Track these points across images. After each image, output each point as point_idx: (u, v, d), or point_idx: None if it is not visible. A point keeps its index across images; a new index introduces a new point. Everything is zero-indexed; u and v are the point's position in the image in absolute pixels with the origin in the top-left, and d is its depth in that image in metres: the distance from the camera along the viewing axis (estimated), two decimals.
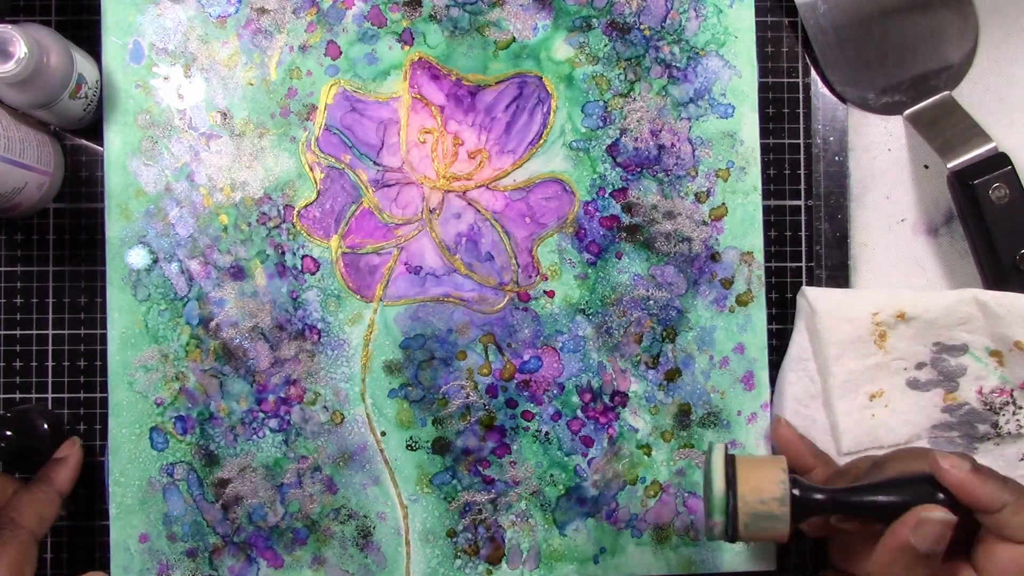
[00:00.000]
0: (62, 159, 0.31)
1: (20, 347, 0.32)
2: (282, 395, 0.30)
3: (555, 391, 0.31)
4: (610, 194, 0.31)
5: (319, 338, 0.30)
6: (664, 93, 0.31)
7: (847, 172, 0.32)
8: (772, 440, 0.30)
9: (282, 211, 0.31)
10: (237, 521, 0.30)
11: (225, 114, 0.31)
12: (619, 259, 0.31)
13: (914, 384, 0.30)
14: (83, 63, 0.29)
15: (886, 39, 0.32)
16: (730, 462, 0.24)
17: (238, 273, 0.30)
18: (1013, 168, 0.29)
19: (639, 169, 0.31)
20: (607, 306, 0.31)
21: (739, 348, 0.31)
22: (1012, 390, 0.29)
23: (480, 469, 0.30)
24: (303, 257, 0.31)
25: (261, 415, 0.30)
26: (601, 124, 0.31)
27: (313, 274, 0.31)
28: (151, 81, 0.30)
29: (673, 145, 0.31)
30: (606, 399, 0.31)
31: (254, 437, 0.30)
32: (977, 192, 0.28)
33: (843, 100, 0.32)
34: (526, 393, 0.31)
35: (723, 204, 0.31)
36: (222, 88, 0.31)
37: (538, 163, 0.31)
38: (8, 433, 0.29)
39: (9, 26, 0.26)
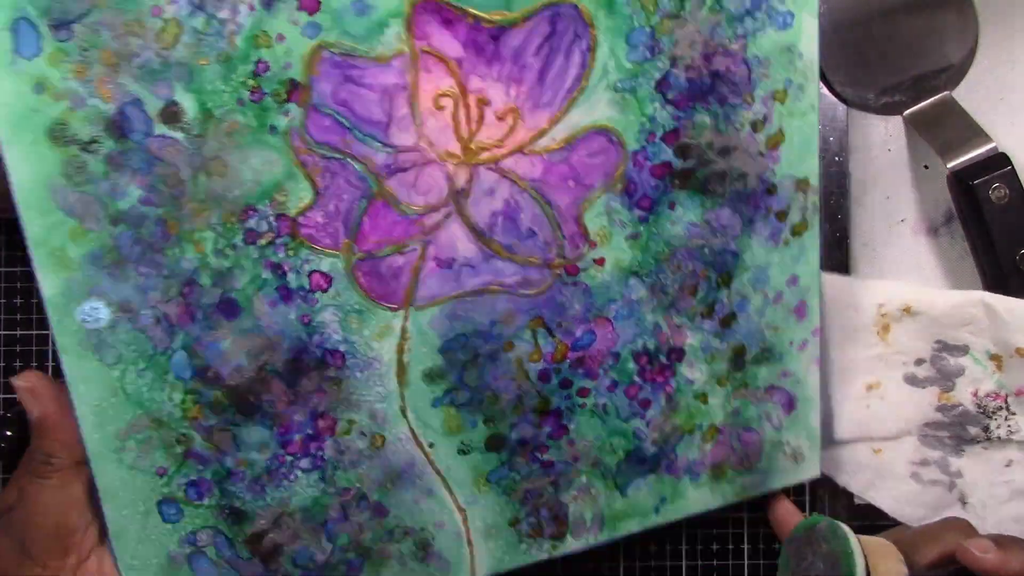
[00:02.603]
0: None
1: (20, 347, 0.50)
2: (309, 431, 0.44)
3: (611, 361, 0.48)
4: (661, 138, 0.45)
5: (344, 362, 0.43)
6: (717, 7, 0.44)
7: (847, 172, 0.51)
8: (771, 519, 0.50)
9: (274, 223, 0.41)
10: (281, 570, 0.46)
11: (174, 110, 0.38)
12: (672, 210, 0.46)
13: (911, 380, 0.52)
14: None
15: (886, 39, 0.50)
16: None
17: (231, 309, 0.41)
18: (1013, 168, 0.48)
19: (692, 104, 0.45)
20: (660, 263, 0.47)
21: (793, 280, 0.50)
22: (1007, 396, 0.52)
23: (538, 455, 0.48)
24: (310, 274, 0.42)
25: (289, 458, 0.44)
26: (648, 55, 0.43)
27: (325, 291, 0.42)
28: (59, 79, 0.36)
29: (728, 69, 0.45)
30: (663, 358, 0.49)
31: (284, 482, 0.44)
32: (977, 192, 0.47)
33: (843, 100, 0.51)
34: (580, 370, 0.47)
35: (780, 130, 0.47)
36: (163, 75, 0.38)
37: (579, 114, 0.43)
38: (8, 433, 0.42)
39: None
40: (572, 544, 0.50)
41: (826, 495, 0.56)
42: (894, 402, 0.54)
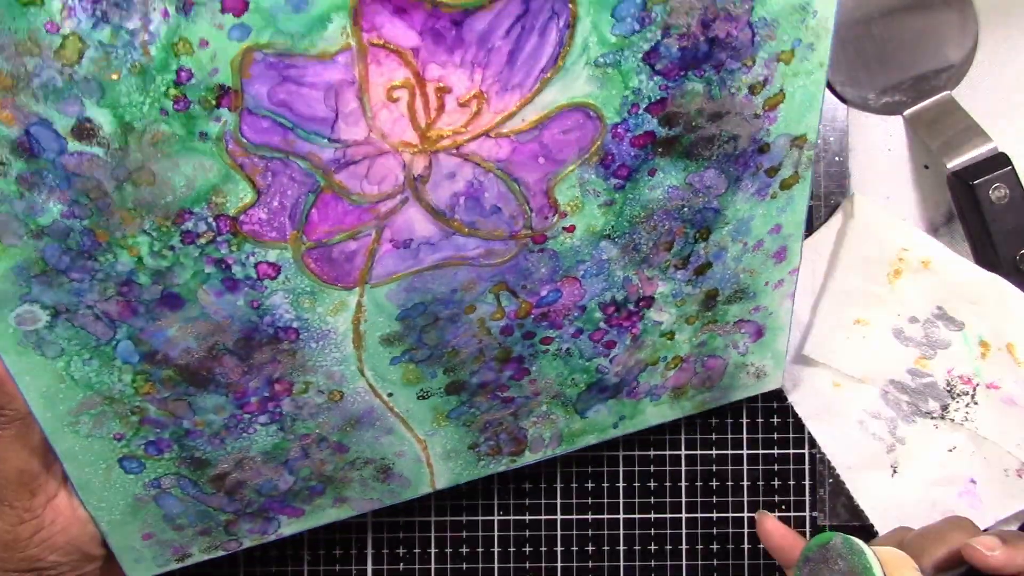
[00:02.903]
0: None
1: None
2: (266, 394, 0.46)
3: (576, 313, 0.48)
4: (645, 109, 0.42)
5: (297, 336, 0.44)
6: None
7: (847, 172, 0.52)
8: (763, 539, 0.50)
9: (213, 223, 0.39)
10: (246, 498, 0.49)
11: (88, 127, 0.35)
12: (652, 176, 0.44)
13: (898, 333, 0.51)
14: None
15: (886, 39, 0.50)
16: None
17: (174, 301, 0.41)
18: (1013, 168, 0.48)
19: (683, 73, 0.41)
20: (636, 225, 0.45)
21: (776, 229, 0.48)
22: (977, 384, 0.51)
23: (499, 394, 0.50)
24: (256, 265, 0.41)
25: (247, 416, 0.46)
26: (637, 28, 0.39)
27: (273, 279, 0.42)
28: None
29: (729, 35, 0.40)
30: (631, 306, 0.49)
31: (244, 435, 0.47)
32: (977, 192, 0.48)
33: (843, 100, 0.53)
34: (545, 323, 0.48)
35: (781, 90, 0.43)
36: (70, 93, 0.34)
37: (553, 93, 0.40)
38: None
39: None
40: (530, 457, 0.54)
41: (826, 496, 0.59)
42: (873, 347, 0.55)
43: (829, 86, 0.53)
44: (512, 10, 0.37)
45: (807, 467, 0.59)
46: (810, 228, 0.54)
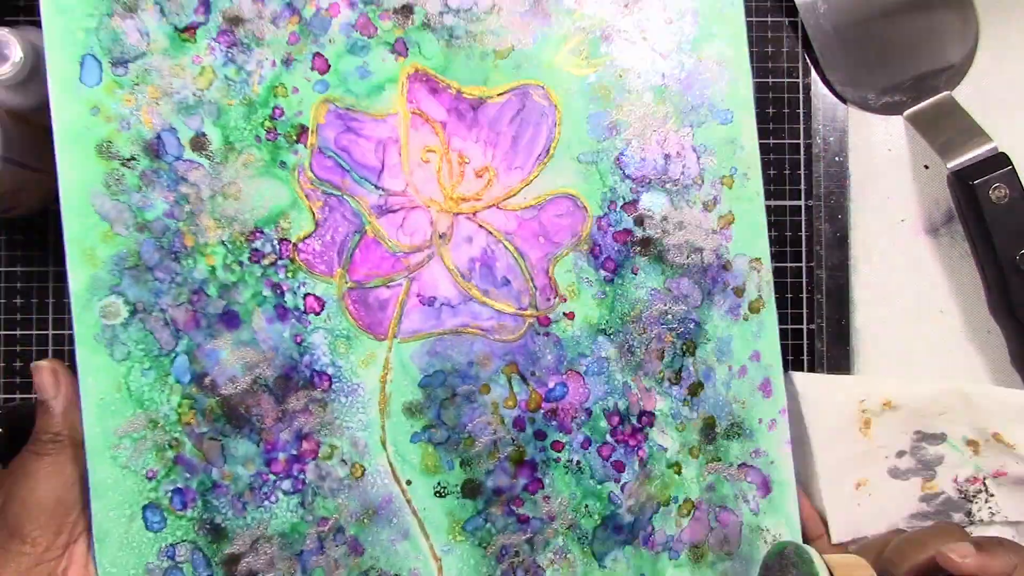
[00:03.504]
0: None
1: (20, 347, 0.60)
2: (294, 452, 0.53)
3: (583, 417, 0.57)
4: (621, 207, 0.58)
5: (330, 384, 0.53)
6: (666, 101, 0.59)
7: (847, 172, 0.61)
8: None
9: (277, 246, 0.53)
10: None
11: (202, 140, 0.52)
12: (635, 274, 0.58)
13: (895, 473, 0.61)
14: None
15: (886, 39, 0.59)
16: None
17: (232, 320, 0.52)
18: (1013, 168, 0.55)
19: (647, 181, 0.58)
20: (627, 324, 0.58)
21: (755, 356, 0.60)
22: (984, 478, 0.61)
23: (514, 508, 0.56)
24: (305, 296, 0.53)
25: (272, 477, 0.52)
26: (608, 135, 0.58)
27: (318, 314, 0.53)
28: (111, 105, 0.51)
29: (679, 154, 0.59)
30: (634, 420, 0.58)
31: (266, 503, 0.52)
32: (977, 192, 0.56)
33: (843, 100, 0.60)
34: (554, 422, 0.56)
35: (730, 211, 0.60)
36: (196, 111, 0.52)
37: (547, 179, 0.57)
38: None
39: (5, 29, 0.47)
40: None
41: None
42: (881, 497, 0.61)
43: (829, 86, 0.61)
44: (514, 104, 0.56)
45: None
46: (811, 229, 0.62)
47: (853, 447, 0.61)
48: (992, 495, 0.61)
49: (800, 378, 0.60)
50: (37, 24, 0.50)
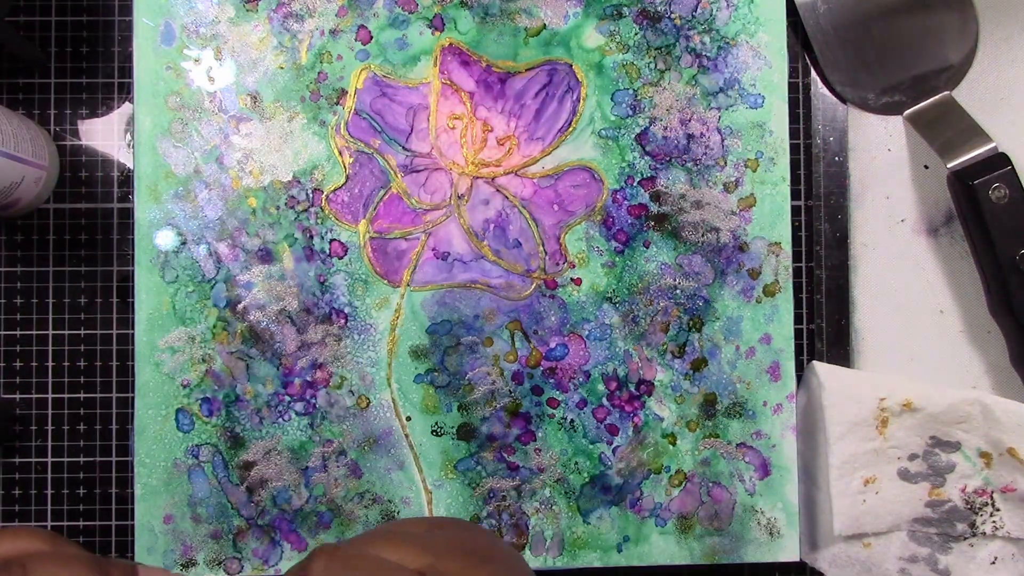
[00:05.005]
0: (56, 153, 0.61)
1: (20, 347, 0.62)
2: (308, 378, 0.61)
3: (581, 379, 0.61)
4: (639, 183, 0.61)
5: (346, 322, 0.61)
6: (694, 82, 0.62)
7: (847, 172, 0.62)
8: None
9: (311, 195, 0.61)
10: (261, 504, 0.60)
11: (255, 97, 0.61)
12: (647, 248, 0.61)
13: (904, 474, 0.61)
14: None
15: (886, 39, 0.60)
16: None
17: (266, 256, 0.61)
18: (1013, 168, 0.56)
19: (668, 158, 0.62)
20: (634, 294, 0.61)
21: (766, 339, 0.62)
22: (993, 491, 0.61)
23: (505, 456, 0.61)
24: (331, 241, 0.61)
25: (287, 398, 0.60)
26: (630, 112, 0.62)
27: (341, 258, 0.61)
28: (182, 63, 0.60)
29: (702, 135, 0.62)
30: (632, 387, 0.61)
31: (280, 420, 0.60)
32: (977, 192, 0.57)
33: (843, 100, 0.62)
34: (552, 380, 0.61)
35: (752, 194, 0.62)
36: (252, 71, 0.61)
37: (567, 151, 0.61)
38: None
39: None
40: (530, 560, 0.61)
41: None
42: (888, 497, 0.62)
43: (829, 86, 0.62)
44: (540, 79, 0.61)
45: None
46: (811, 229, 0.64)
47: (867, 443, 0.62)
48: (998, 509, 0.60)
49: (823, 368, 0.62)
50: (40, 23, 0.60)
